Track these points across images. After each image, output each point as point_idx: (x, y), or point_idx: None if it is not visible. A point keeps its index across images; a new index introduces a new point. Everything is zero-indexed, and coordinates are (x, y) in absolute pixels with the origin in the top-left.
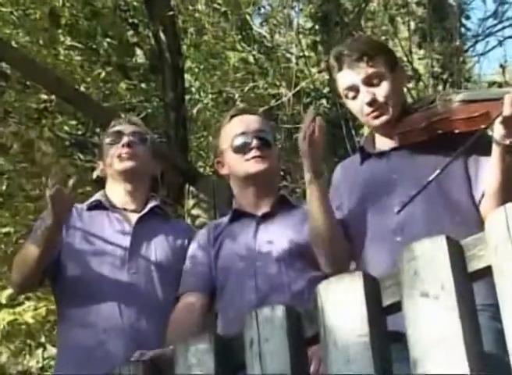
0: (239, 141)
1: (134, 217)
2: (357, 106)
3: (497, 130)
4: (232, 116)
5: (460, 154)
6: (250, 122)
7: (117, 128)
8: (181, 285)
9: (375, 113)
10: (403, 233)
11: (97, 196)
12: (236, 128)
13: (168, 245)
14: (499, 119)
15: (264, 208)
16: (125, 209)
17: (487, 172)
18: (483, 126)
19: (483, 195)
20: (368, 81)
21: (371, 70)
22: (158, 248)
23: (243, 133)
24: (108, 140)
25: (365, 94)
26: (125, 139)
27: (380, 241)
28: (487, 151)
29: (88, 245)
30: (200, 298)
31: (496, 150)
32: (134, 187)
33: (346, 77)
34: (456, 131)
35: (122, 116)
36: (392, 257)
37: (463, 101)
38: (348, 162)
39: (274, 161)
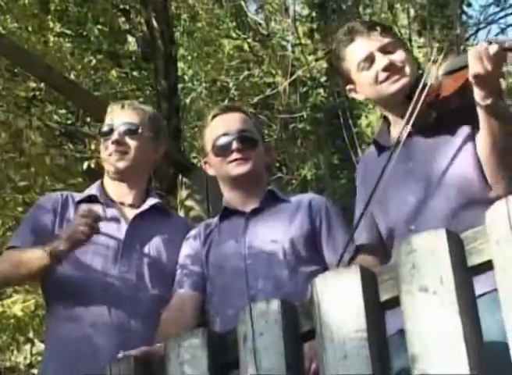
0: (220, 142)
1: (131, 213)
2: (372, 74)
3: (475, 93)
4: (215, 116)
5: (405, 129)
6: (231, 122)
7: (109, 119)
8: (174, 284)
9: (393, 77)
10: (415, 221)
11: (93, 189)
12: (218, 129)
13: (163, 243)
14: (472, 80)
15: (252, 205)
16: (122, 204)
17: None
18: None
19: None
20: (384, 49)
21: (386, 40)
22: (152, 246)
23: (224, 135)
24: (102, 131)
25: (381, 59)
26: (114, 135)
27: (396, 231)
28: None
29: None
30: (192, 297)
31: (480, 113)
32: (130, 185)
33: (361, 48)
34: (452, 106)
35: (116, 104)
36: None
37: (447, 74)
38: (368, 157)
39: (258, 160)
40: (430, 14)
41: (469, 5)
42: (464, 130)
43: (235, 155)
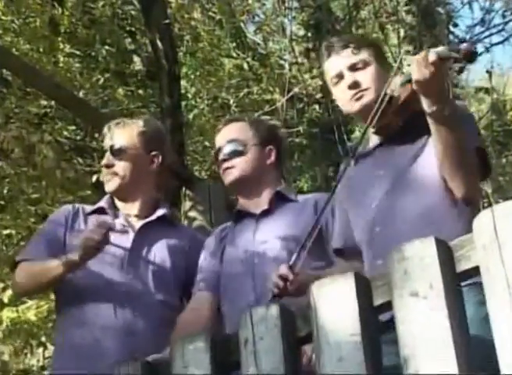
0: (217, 156)
1: (138, 223)
2: (340, 91)
3: (421, 100)
4: (217, 131)
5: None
6: (224, 134)
7: (104, 140)
8: (193, 286)
9: (356, 96)
10: (381, 224)
11: (102, 202)
12: (217, 143)
13: (168, 251)
14: (415, 87)
15: (262, 206)
16: (128, 215)
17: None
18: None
19: None
20: (353, 67)
21: (356, 58)
22: (157, 254)
23: (219, 149)
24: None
25: (348, 78)
26: (105, 158)
27: (363, 235)
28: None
29: None
30: (209, 298)
31: (428, 119)
32: (131, 199)
33: (333, 64)
34: (412, 112)
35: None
36: (371, 248)
37: (407, 83)
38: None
39: (248, 164)
40: (419, 34)
41: (455, 25)
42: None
43: (222, 166)
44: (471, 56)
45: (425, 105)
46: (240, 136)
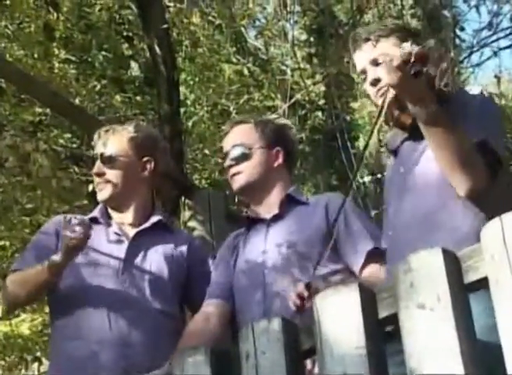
0: (224, 161)
1: (132, 231)
2: (367, 87)
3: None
4: (226, 133)
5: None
6: (230, 138)
7: (95, 148)
8: (206, 296)
9: (379, 92)
10: (393, 227)
11: (95, 212)
12: (223, 148)
13: (164, 259)
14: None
15: (273, 210)
16: (122, 223)
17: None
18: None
19: None
20: (374, 62)
21: (376, 51)
22: (153, 262)
23: (225, 154)
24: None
25: (370, 73)
26: (95, 166)
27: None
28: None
29: (84, 258)
30: (219, 307)
31: (419, 123)
32: (124, 207)
33: (357, 60)
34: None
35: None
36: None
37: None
38: None
39: (254, 169)
40: (425, 38)
41: (462, 29)
42: None
43: (229, 173)
44: (425, 59)
45: (409, 106)
46: (245, 139)
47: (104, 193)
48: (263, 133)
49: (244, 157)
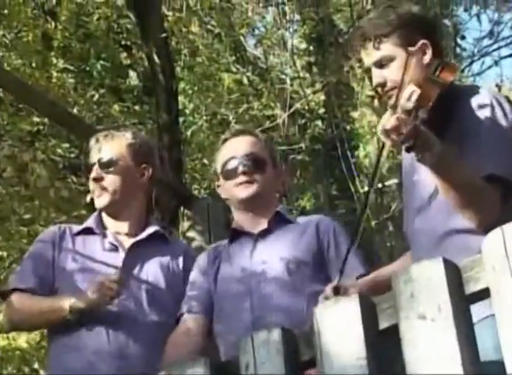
0: (228, 166)
1: (128, 242)
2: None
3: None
4: (225, 140)
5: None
6: (239, 145)
7: (91, 154)
8: (182, 308)
9: (387, 95)
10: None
11: (90, 221)
12: (227, 153)
13: (161, 269)
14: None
15: (261, 226)
16: (118, 233)
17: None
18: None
19: None
20: (378, 64)
21: (379, 53)
22: (150, 273)
23: (232, 158)
24: (86, 170)
25: (375, 76)
26: (93, 171)
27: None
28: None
29: (80, 270)
30: (199, 321)
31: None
32: (121, 215)
33: (364, 59)
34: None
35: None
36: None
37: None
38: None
39: (266, 183)
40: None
41: (463, 37)
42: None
43: (241, 178)
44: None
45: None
46: (260, 152)
47: (102, 199)
48: (271, 151)
49: (260, 169)
